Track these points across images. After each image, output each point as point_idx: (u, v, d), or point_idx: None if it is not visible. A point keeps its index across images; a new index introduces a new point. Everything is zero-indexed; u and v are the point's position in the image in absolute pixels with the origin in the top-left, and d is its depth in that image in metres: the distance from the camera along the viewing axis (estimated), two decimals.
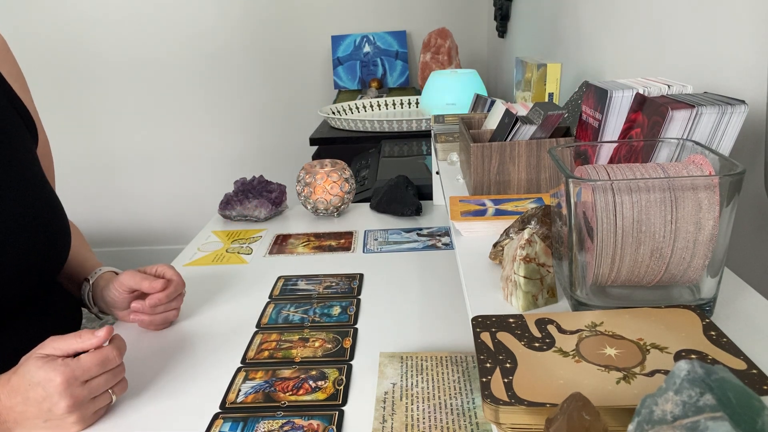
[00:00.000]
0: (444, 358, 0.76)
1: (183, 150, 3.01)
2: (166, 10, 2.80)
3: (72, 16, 2.81)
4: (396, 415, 0.66)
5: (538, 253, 0.53)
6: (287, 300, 0.94)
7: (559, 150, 0.53)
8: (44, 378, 0.63)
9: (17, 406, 0.64)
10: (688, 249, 0.46)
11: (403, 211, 1.26)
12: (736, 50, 0.70)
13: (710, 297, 0.48)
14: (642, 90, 0.63)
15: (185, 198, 3.07)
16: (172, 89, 2.91)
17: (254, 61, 2.88)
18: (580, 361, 0.42)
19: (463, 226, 0.70)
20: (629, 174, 0.47)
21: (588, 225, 0.47)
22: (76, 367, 0.64)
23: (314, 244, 1.17)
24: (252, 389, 0.72)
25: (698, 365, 0.29)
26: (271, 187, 1.32)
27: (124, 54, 2.86)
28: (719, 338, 0.43)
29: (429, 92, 1.92)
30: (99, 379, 0.66)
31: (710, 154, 0.49)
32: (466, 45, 2.83)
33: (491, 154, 0.78)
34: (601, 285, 0.49)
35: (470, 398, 0.68)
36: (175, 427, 0.67)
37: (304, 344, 0.81)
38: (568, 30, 1.42)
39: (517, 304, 0.52)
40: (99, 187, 3.05)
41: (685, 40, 0.83)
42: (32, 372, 0.63)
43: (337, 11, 2.82)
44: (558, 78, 1.12)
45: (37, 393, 0.63)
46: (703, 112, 0.54)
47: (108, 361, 0.66)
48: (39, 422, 0.64)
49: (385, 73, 2.81)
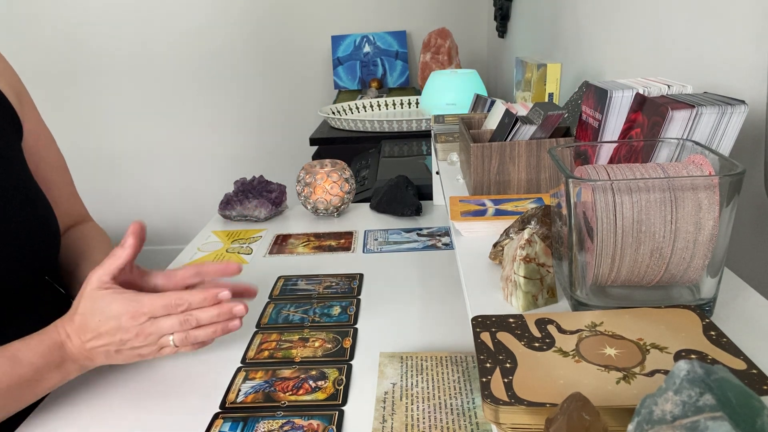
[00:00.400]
0: (444, 358, 0.76)
1: (183, 150, 3.01)
2: (167, 10, 2.80)
3: (72, 15, 2.81)
4: (396, 415, 0.66)
5: (538, 253, 0.53)
6: (287, 300, 0.94)
7: (559, 150, 0.53)
8: (118, 310, 0.67)
9: (89, 342, 0.68)
10: (688, 249, 0.46)
11: (403, 211, 1.26)
12: (736, 50, 0.70)
13: (710, 297, 0.48)
14: (642, 90, 0.63)
15: (185, 198, 3.07)
16: (172, 89, 2.91)
17: (254, 61, 2.88)
18: (580, 361, 0.42)
19: (463, 226, 0.70)
20: (629, 174, 0.47)
21: (588, 225, 0.47)
22: (144, 304, 0.68)
23: (314, 244, 1.17)
24: (252, 389, 0.72)
25: (698, 365, 0.29)
26: (271, 187, 1.32)
27: (124, 54, 2.86)
28: (719, 338, 0.43)
29: (429, 92, 1.92)
30: (165, 321, 0.69)
31: (710, 154, 0.49)
32: (466, 45, 2.83)
33: (491, 154, 0.78)
34: (601, 285, 0.49)
35: (470, 398, 0.68)
36: (175, 427, 0.67)
37: (304, 344, 0.81)
38: (568, 30, 1.42)
39: (517, 304, 0.52)
40: (98, 187, 3.05)
41: (685, 40, 0.83)
42: (104, 307, 0.67)
43: (337, 11, 2.82)
44: (558, 78, 1.12)
45: (110, 325, 0.67)
46: (703, 112, 0.54)
47: (171, 306, 0.68)
48: (111, 353, 0.69)
49: (385, 73, 2.81)
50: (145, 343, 0.69)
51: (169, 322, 0.69)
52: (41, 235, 0.81)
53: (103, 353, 0.69)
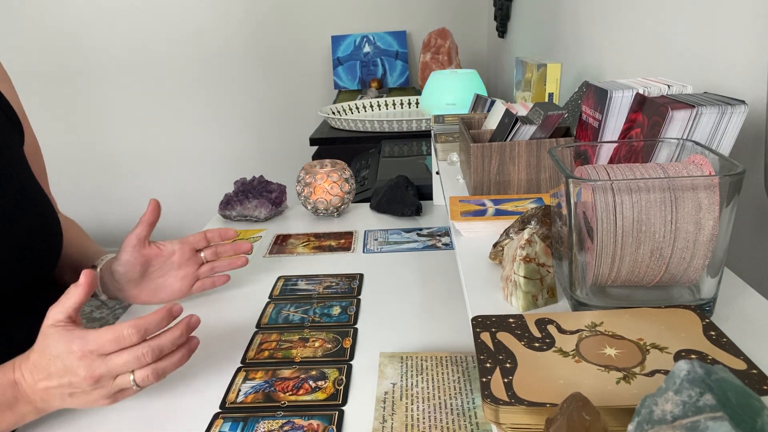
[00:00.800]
0: (444, 358, 0.76)
1: (183, 150, 3.01)
2: (167, 10, 2.80)
3: (71, 15, 2.81)
4: (396, 415, 0.66)
5: (538, 253, 0.53)
6: (287, 300, 0.94)
7: (559, 150, 0.53)
8: (63, 350, 0.62)
9: (40, 382, 0.63)
10: (688, 249, 0.46)
11: (403, 211, 1.26)
12: (736, 50, 0.70)
13: (710, 297, 0.48)
14: (642, 90, 0.63)
15: (185, 198, 3.07)
16: (172, 89, 2.91)
17: (254, 61, 2.88)
18: (580, 361, 0.42)
19: (463, 226, 0.70)
20: (629, 174, 0.47)
21: (588, 225, 0.47)
22: (90, 341, 0.62)
23: (314, 244, 1.17)
24: (252, 389, 0.72)
25: (698, 365, 0.29)
26: (271, 187, 1.32)
27: (124, 54, 2.86)
28: (719, 338, 0.43)
29: (429, 92, 1.92)
30: (118, 357, 0.62)
31: (710, 154, 0.49)
32: (466, 45, 2.83)
33: (491, 154, 0.78)
34: (601, 285, 0.49)
35: (470, 398, 0.68)
36: (175, 427, 0.67)
37: (304, 344, 0.81)
38: (568, 30, 1.42)
39: (517, 304, 0.52)
40: (99, 187, 3.05)
41: (685, 40, 0.83)
42: (51, 345, 0.62)
43: (337, 11, 2.82)
44: (558, 78, 1.12)
45: (57, 366, 0.62)
46: (703, 112, 0.54)
47: (122, 338, 0.62)
48: (65, 396, 0.63)
49: (385, 73, 2.81)
50: (98, 386, 0.62)
51: (122, 359, 0.62)
52: (43, 237, 0.81)
53: (58, 396, 0.63)
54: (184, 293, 0.91)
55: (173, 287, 0.90)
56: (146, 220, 0.86)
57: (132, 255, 0.85)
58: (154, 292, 0.89)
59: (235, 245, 0.93)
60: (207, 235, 0.92)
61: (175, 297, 0.91)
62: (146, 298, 0.89)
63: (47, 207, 0.83)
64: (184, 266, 0.90)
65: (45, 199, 0.84)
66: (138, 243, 0.85)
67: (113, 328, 0.62)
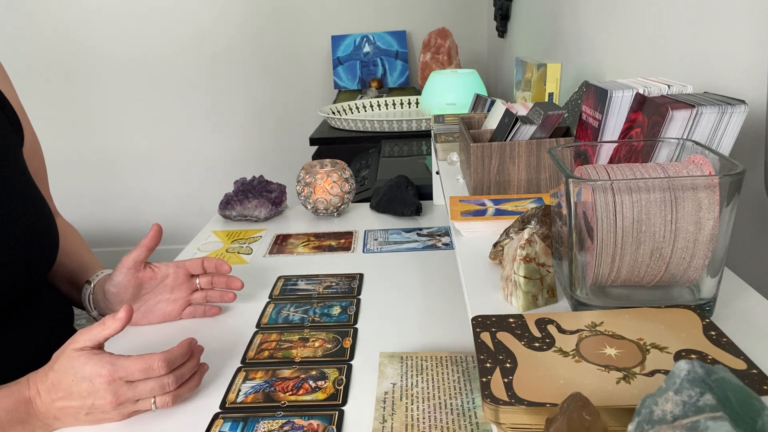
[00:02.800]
0: (444, 358, 0.76)
1: (183, 150, 3.01)
2: (167, 11, 2.80)
3: (72, 16, 2.81)
4: (396, 415, 0.66)
5: (538, 253, 0.53)
6: (287, 300, 0.94)
7: (559, 150, 0.53)
8: (91, 372, 0.64)
9: (58, 401, 0.65)
10: (688, 249, 0.46)
11: (403, 211, 1.26)
12: (736, 50, 0.70)
13: (710, 297, 0.48)
14: (642, 90, 0.63)
15: (185, 198, 3.07)
16: (172, 89, 2.91)
17: (254, 61, 2.88)
18: (580, 361, 0.42)
19: (463, 226, 0.70)
20: (629, 174, 0.47)
21: (588, 225, 0.47)
22: (120, 367, 0.65)
23: (314, 244, 1.17)
24: (252, 389, 0.72)
25: (698, 365, 0.29)
26: (271, 187, 1.32)
27: (124, 54, 2.86)
28: (719, 338, 0.43)
29: (429, 92, 1.92)
30: (144, 385, 0.66)
31: (710, 154, 0.49)
32: (466, 45, 2.83)
33: (491, 154, 0.78)
34: (601, 285, 0.49)
35: (470, 398, 0.68)
36: (175, 427, 0.67)
37: (304, 344, 0.81)
38: (568, 30, 1.42)
39: (517, 304, 0.52)
40: (98, 187, 3.05)
41: (685, 40, 0.83)
42: (77, 367, 0.64)
43: (337, 11, 2.82)
44: (558, 78, 1.12)
45: (82, 387, 0.64)
46: (703, 112, 0.54)
47: (151, 370, 0.66)
48: (81, 415, 0.66)
49: (385, 73, 2.81)
50: (119, 408, 0.66)
51: (148, 386, 0.66)
52: (42, 239, 0.81)
53: (72, 415, 0.66)
54: (174, 317, 0.90)
55: (164, 310, 0.89)
56: (146, 245, 0.85)
57: (126, 277, 0.85)
58: (144, 315, 0.88)
59: (228, 280, 0.91)
60: (204, 263, 0.90)
61: (165, 320, 0.90)
62: (136, 320, 0.89)
63: (44, 209, 0.83)
64: (177, 290, 0.89)
65: (42, 201, 0.84)
66: (134, 266, 0.85)
67: (144, 359, 0.66)
